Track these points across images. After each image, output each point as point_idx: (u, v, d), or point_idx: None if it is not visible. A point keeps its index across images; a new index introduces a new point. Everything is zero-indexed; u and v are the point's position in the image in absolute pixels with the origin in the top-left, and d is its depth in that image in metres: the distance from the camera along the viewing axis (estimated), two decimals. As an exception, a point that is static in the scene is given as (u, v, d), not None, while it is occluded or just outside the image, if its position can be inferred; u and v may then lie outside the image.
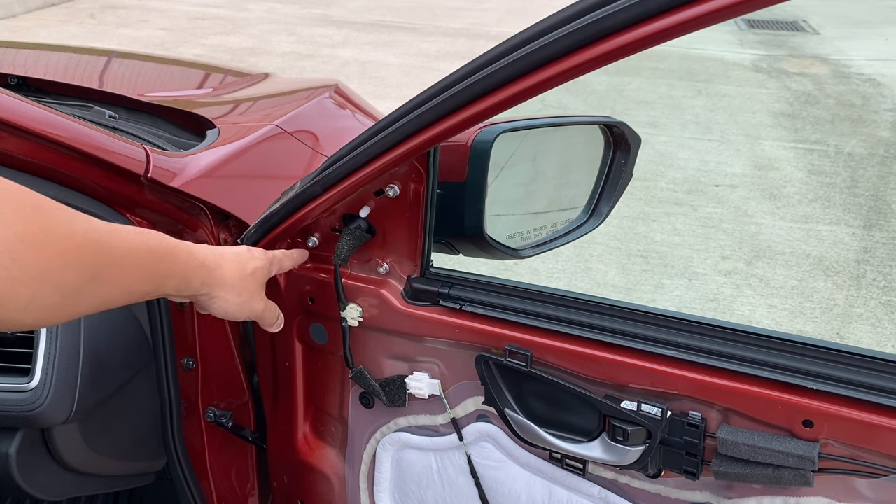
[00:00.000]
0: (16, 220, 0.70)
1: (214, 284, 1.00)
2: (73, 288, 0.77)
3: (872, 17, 9.08)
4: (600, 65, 0.82)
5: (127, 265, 0.84)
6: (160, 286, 0.91)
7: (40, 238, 0.72)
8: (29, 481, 1.20)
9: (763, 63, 7.34)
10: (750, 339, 0.96)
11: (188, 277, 0.95)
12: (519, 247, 1.32)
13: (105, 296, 0.83)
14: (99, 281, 0.80)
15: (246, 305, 1.05)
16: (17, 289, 0.70)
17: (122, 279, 0.84)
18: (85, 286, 0.78)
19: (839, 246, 3.98)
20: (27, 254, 0.70)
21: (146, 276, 0.88)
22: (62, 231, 0.75)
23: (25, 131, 0.99)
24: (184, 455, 1.35)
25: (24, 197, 0.72)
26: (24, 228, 0.70)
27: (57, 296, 0.75)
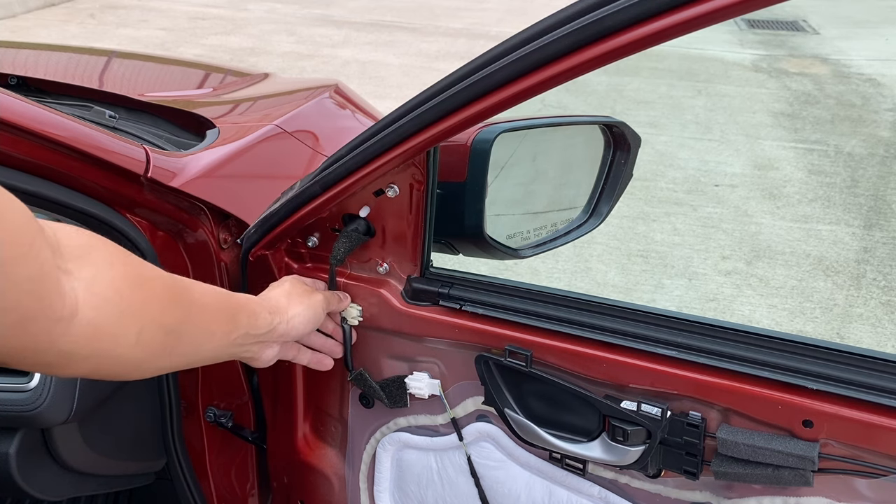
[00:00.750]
0: (116, 265, 0.79)
1: (278, 308, 1.07)
2: (172, 326, 0.86)
3: (872, 17, 9.08)
4: (600, 65, 0.82)
5: (204, 303, 0.94)
6: (235, 324, 0.98)
7: (138, 279, 0.81)
8: (29, 481, 1.20)
9: (763, 63, 7.34)
10: (750, 339, 0.96)
11: (255, 312, 1.02)
12: (519, 247, 1.32)
13: (195, 337, 0.92)
14: (189, 321, 0.89)
15: (314, 308, 1.10)
16: (126, 323, 0.79)
17: (205, 317, 0.93)
18: (180, 325, 0.87)
19: (839, 246, 3.98)
20: (130, 292, 0.79)
21: (222, 313, 0.96)
22: (151, 274, 0.85)
23: (25, 131, 0.99)
24: (184, 455, 1.35)
25: (113, 247, 0.81)
26: (123, 271, 0.79)
27: (160, 333, 0.84)
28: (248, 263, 1.22)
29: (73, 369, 0.78)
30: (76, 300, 0.73)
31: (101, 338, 0.76)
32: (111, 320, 0.76)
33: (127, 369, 0.84)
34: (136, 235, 1.17)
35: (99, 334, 0.75)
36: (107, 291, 0.76)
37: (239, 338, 1.00)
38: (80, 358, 0.76)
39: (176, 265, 1.24)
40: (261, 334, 1.03)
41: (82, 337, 0.74)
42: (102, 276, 0.76)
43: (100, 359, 0.78)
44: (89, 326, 0.74)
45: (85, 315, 0.73)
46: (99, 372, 0.82)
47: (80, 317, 0.73)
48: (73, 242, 0.75)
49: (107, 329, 0.76)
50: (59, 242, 0.73)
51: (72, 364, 0.76)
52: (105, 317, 0.76)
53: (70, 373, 0.79)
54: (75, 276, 0.73)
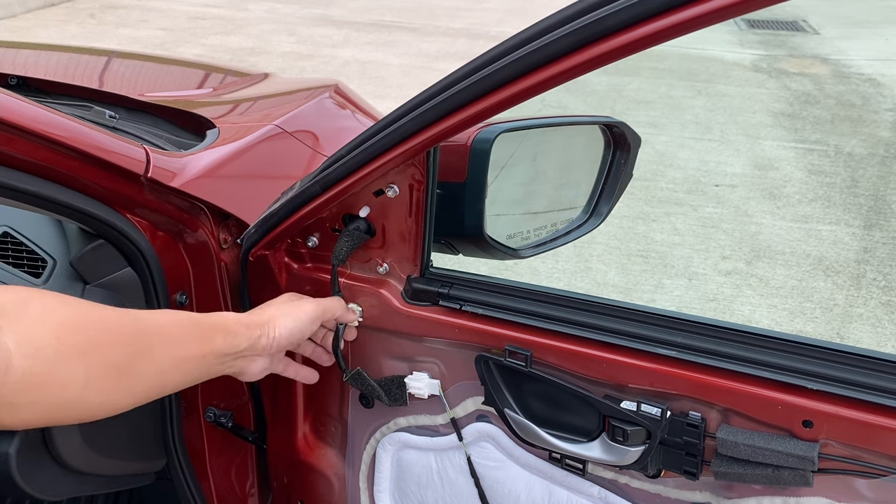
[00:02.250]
0: (53, 313, 0.80)
1: (264, 321, 1.06)
2: (124, 363, 0.86)
3: (872, 17, 9.08)
4: (600, 65, 0.82)
5: (168, 333, 0.93)
6: (211, 346, 0.97)
7: (79, 324, 0.82)
8: (29, 481, 1.20)
9: (763, 63, 7.34)
10: (750, 339, 0.96)
11: (233, 330, 1.01)
12: (519, 247, 1.32)
13: (159, 367, 0.91)
14: (147, 354, 0.89)
15: (301, 315, 1.10)
16: (69, 367, 0.80)
17: (168, 347, 0.92)
18: (135, 361, 0.88)
19: (839, 246, 3.98)
20: (69, 337, 0.80)
21: (191, 338, 0.96)
22: (96, 315, 0.86)
23: (25, 131, 0.99)
24: (184, 455, 1.35)
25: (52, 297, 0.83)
26: (60, 318, 0.81)
27: (112, 372, 0.84)
28: (248, 263, 1.22)
29: (21, 418, 0.79)
30: (9, 353, 0.75)
31: (43, 386, 0.78)
32: (50, 367, 0.78)
33: (84, 413, 0.85)
34: (136, 235, 1.17)
35: (39, 383, 0.77)
36: (42, 340, 0.78)
37: (216, 359, 0.99)
38: (22, 406, 0.77)
39: (176, 265, 1.24)
40: (240, 350, 1.03)
41: (19, 387, 0.76)
42: (37, 327, 0.78)
43: (48, 406, 0.80)
44: (26, 376, 0.76)
45: (19, 366, 0.75)
46: (53, 418, 0.83)
47: (15, 368, 0.75)
48: (5, 299, 0.78)
49: (47, 377, 0.78)
50: None
51: (17, 413, 0.78)
52: (42, 365, 0.77)
53: (20, 422, 0.80)
54: (6, 331, 0.75)
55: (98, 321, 0.85)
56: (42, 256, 1.25)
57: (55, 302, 0.83)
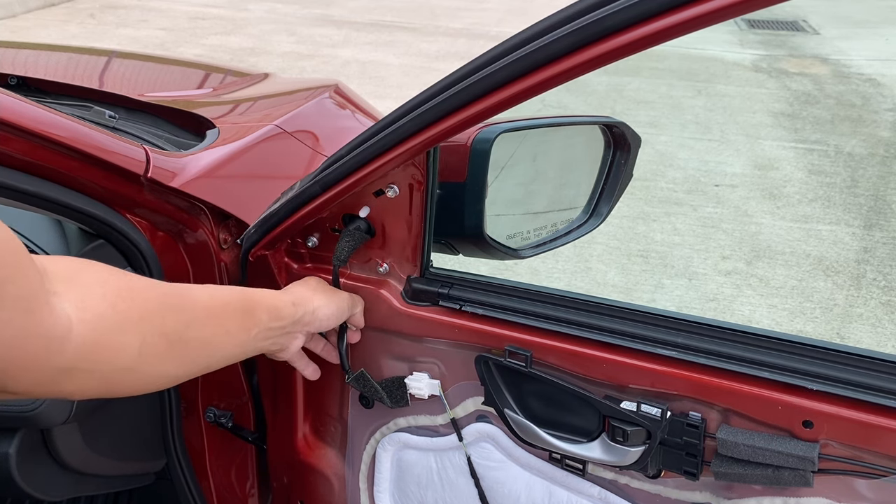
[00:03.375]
0: (106, 281, 0.81)
1: (307, 299, 1.07)
2: (174, 332, 0.86)
3: (872, 17, 9.08)
4: (600, 65, 0.82)
5: (215, 305, 0.94)
6: (256, 320, 0.99)
7: (130, 293, 0.83)
8: (29, 481, 1.20)
9: (763, 63, 7.34)
10: (750, 339, 0.96)
11: (278, 306, 1.03)
12: (519, 247, 1.32)
13: (208, 338, 0.92)
14: (195, 325, 0.90)
15: (338, 303, 1.12)
16: (125, 335, 0.80)
17: (215, 319, 0.93)
18: (185, 331, 0.88)
19: (839, 246, 3.98)
20: (124, 305, 0.81)
21: (238, 312, 0.97)
22: (145, 285, 0.87)
23: (25, 131, 0.99)
24: (184, 455, 1.35)
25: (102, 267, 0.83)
26: (114, 286, 0.81)
27: (163, 341, 0.85)
28: (248, 263, 1.22)
29: (78, 386, 0.79)
30: (69, 319, 0.75)
31: (101, 352, 0.78)
32: (107, 334, 0.78)
33: (139, 382, 0.85)
34: (136, 235, 1.17)
35: (97, 349, 0.77)
36: (99, 307, 0.78)
37: (261, 332, 1.00)
38: (82, 373, 0.77)
39: (176, 265, 1.24)
40: (285, 325, 1.04)
41: (80, 353, 0.76)
42: (93, 293, 0.78)
43: (105, 373, 0.80)
44: (85, 343, 0.76)
45: (79, 332, 0.75)
46: (110, 387, 0.83)
47: (75, 334, 0.75)
48: (60, 266, 0.78)
49: (105, 343, 0.78)
50: (45, 268, 0.75)
51: (75, 380, 0.77)
52: (101, 332, 0.77)
53: (77, 390, 0.80)
54: (64, 297, 0.75)
55: (148, 290, 0.86)
56: (42, 256, 1.24)
57: (107, 271, 0.83)
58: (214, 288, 0.99)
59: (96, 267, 0.82)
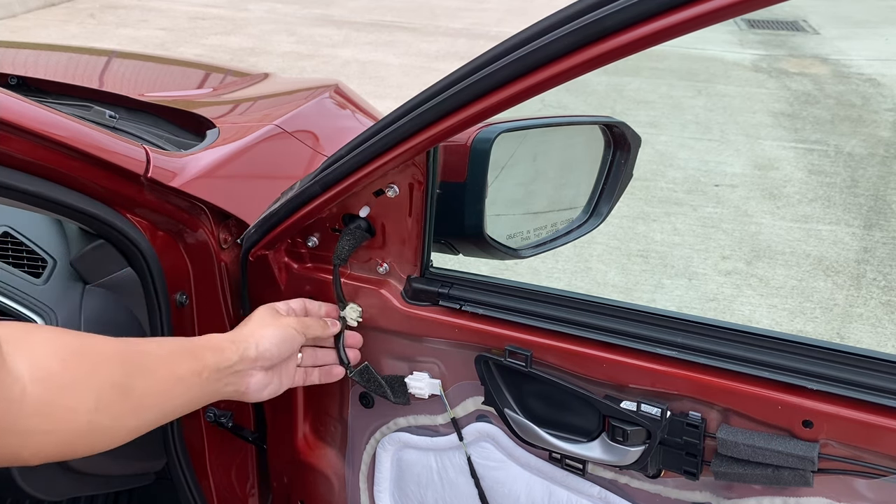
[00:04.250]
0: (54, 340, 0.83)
1: (248, 334, 1.07)
2: (127, 383, 0.88)
3: (872, 17, 9.08)
4: (600, 65, 0.82)
5: (162, 353, 0.97)
6: (203, 363, 1.00)
7: (80, 348, 0.85)
8: (29, 481, 1.20)
9: (763, 63, 7.34)
10: (750, 339, 0.96)
11: (220, 346, 1.03)
12: (519, 247, 1.32)
13: (160, 386, 0.93)
14: (146, 373, 0.91)
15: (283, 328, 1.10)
16: (79, 391, 0.82)
17: (164, 365, 0.95)
18: (136, 380, 0.89)
19: (839, 246, 3.98)
20: (74, 361, 0.83)
21: (184, 356, 0.98)
22: (94, 341, 0.89)
23: (25, 131, 0.99)
24: (184, 455, 1.35)
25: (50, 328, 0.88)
26: (63, 344, 0.84)
27: (118, 393, 0.86)
28: (248, 263, 1.22)
29: (38, 449, 0.80)
30: (22, 379, 0.76)
31: (58, 410, 0.79)
32: (62, 392, 0.79)
33: (98, 438, 0.86)
34: (136, 235, 1.17)
35: (54, 408, 0.78)
36: (50, 365, 0.79)
37: (210, 374, 1.00)
38: (39, 434, 0.78)
39: (176, 265, 1.24)
40: (231, 365, 1.03)
41: (36, 413, 0.77)
42: (43, 353, 0.80)
43: (62, 433, 0.80)
44: (40, 402, 0.77)
45: (34, 392, 0.76)
46: (68, 447, 0.83)
47: (30, 394, 0.76)
48: (7, 332, 0.79)
49: (60, 401, 0.79)
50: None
51: (34, 443, 0.78)
52: (55, 390, 0.79)
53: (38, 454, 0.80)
54: (17, 358, 0.76)
55: (98, 345, 0.88)
56: (42, 256, 1.25)
57: (55, 331, 0.87)
58: (162, 339, 1.02)
59: (44, 329, 0.86)
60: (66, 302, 1.19)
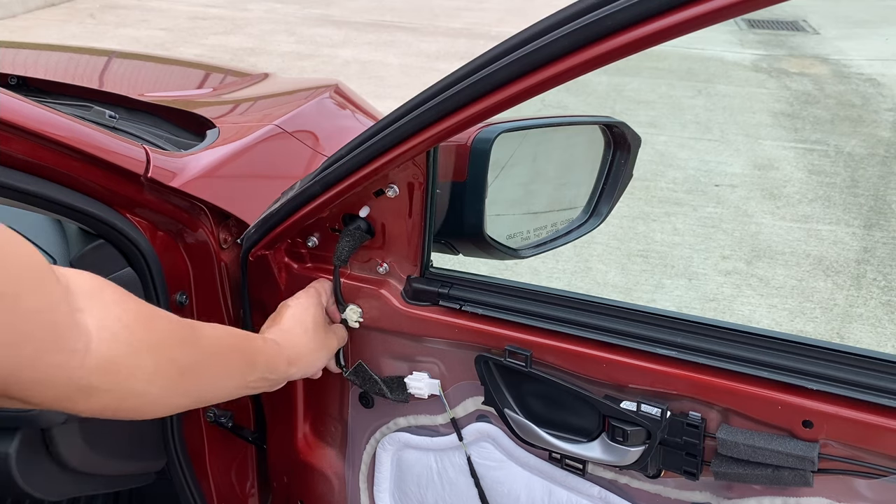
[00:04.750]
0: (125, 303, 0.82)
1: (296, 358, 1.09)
2: (187, 364, 0.88)
3: (872, 17, 9.08)
4: (600, 65, 0.82)
5: (223, 348, 0.97)
6: (254, 368, 1.02)
7: (148, 319, 0.84)
8: (29, 481, 1.20)
9: (763, 63, 7.34)
10: (750, 339, 0.96)
11: (273, 363, 1.05)
12: (519, 247, 1.32)
13: (213, 376, 0.95)
14: (204, 361, 0.92)
15: (329, 352, 1.15)
16: (140, 358, 0.81)
17: (222, 359, 0.96)
18: (195, 366, 0.90)
19: (839, 246, 3.98)
20: (140, 329, 0.82)
21: (241, 356, 1.00)
22: (161, 314, 0.88)
23: (25, 131, 0.99)
24: (184, 455, 1.35)
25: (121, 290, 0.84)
26: (133, 309, 0.83)
27: (174, 369, 0.86)
28: (248, 263, 1.22)
29: (93, 404, 0.79)
30: (89, 334, 0.75)
31: (118, 371, 0.78)
32: (124, 354, 0.79)
33: (145, 406, 0.86)
34: (136, 235, 1.17)
35: (115, 368, 0.78)
36: (117, 327, 0.79)
37: (255, 381, 1.03)
38: (100, 392, 0.78)
39: (176, 265, 1.24)
40: (278, 378, 1.07)
41: (99, 370, 0.76)
42: (112, 313, 0.79)
43: (119, 393, 0.80)
44: (104, 360, 0.77)
45: (99, 349, 0.76)
46: (119, 407, 0.83)
47: (94, 350, 0.76)
48: (83, 282, 0.79)
49: (122, 362, 0.79)
50: (69, 283, 0.76)
51: (92, 398, 0.78)
52: (118, 351, 0.78)
53: (91, 408, 0.80)
54: (87, 313, 0.76)
55: (162, 320, 0.87)
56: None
57: (126, 294, 0.84)
58: (221, 329, 1.01)
59: (116, 288, 0.84)
60: (66, 302, 1.19)
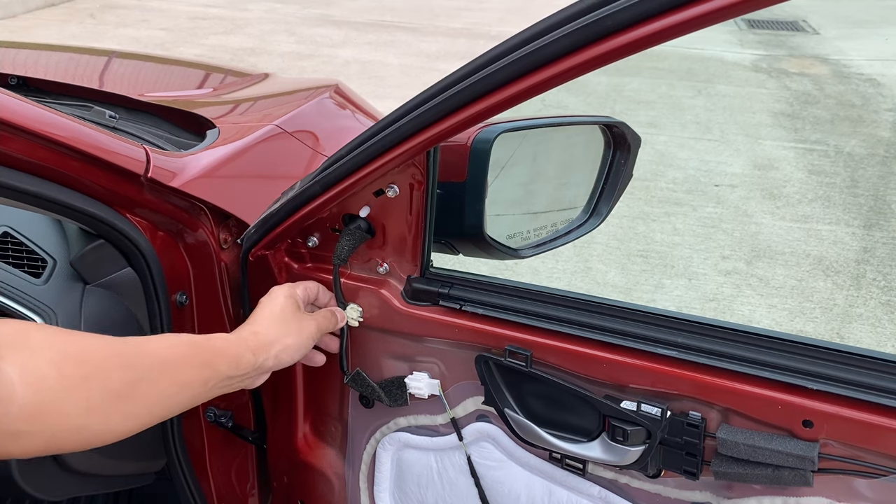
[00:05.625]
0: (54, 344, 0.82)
1: (269, 343, 1.05)
2: (124, 390, 0.87)
3: (872, 17, 9.08)
4: (600, 65, 0.82)
5: (168, 359, 0.94)
6: (214, 370, 0.98)
7: (79, 354, 0.84)
8: (29, 481, 1.20)
9: (763, 63, 7.34)
10: (750, 339, 0.96)
11: (237, 354, 1.01)
12: (519, 247, 1.32)
13: (161, 393, 0.92)
14: (148, 381, 0.90)
15: (304, 337, 1.09)
16: (71, 397, 0.81)
17: (169, 373, 0.93)
18: (135, 387, 0.88)
19: (839, 246, 3.98)
20: (71, 367, 0.82)
21: (193, 364, 0.96)
22: (95, 345, 0.87)
23: (25, 131, 0.99)
24: (184, 455, 1.35)
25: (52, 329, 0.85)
26: (62, 349, 0.83)
27: (112, 398, 0.85)
28: (248, 263, 1.22)
29: (25, 447, 0.80)
30: (12, 383, 0.76)
31: (47, 414, 0.79)
32: (53, 397, 0.79)
33: (88, 439, 0.86)
34: (136, 235, 1.17)
35: (43, 412, 0.79)
36: (45, 370, 0.79)
37: (220, 382, 0.99)
38: (29, 435, 0.78)
39: (176, 265, 1.24)
40: (245, 374, 1.02)
41: (25, 416, 0.77)
42: (41, 357, 0.80)
43: (51, 434, 0.81)
44: (30, 405, 0.77)
45: (24, 395, 0.77)
46: (58, 445, 0.84)
47: (19, 397, 0.76)
48: (6, 331, 0.80)
49: (50, 406, 0.79)
50: None
51: (20, 442, 0.79)
52: (45, 395, 0.79)
53: (24, 451, 0.80)
54: (8, 361, 0.77)
55: (97, 350, 0.87)
56: (42, 256, 1.25)
57: (54, 333, 0.85)
58: (173, 340, 0.99)
59: (45, 329, 0.84)
60: (66, 302, 1.19)
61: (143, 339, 0.95)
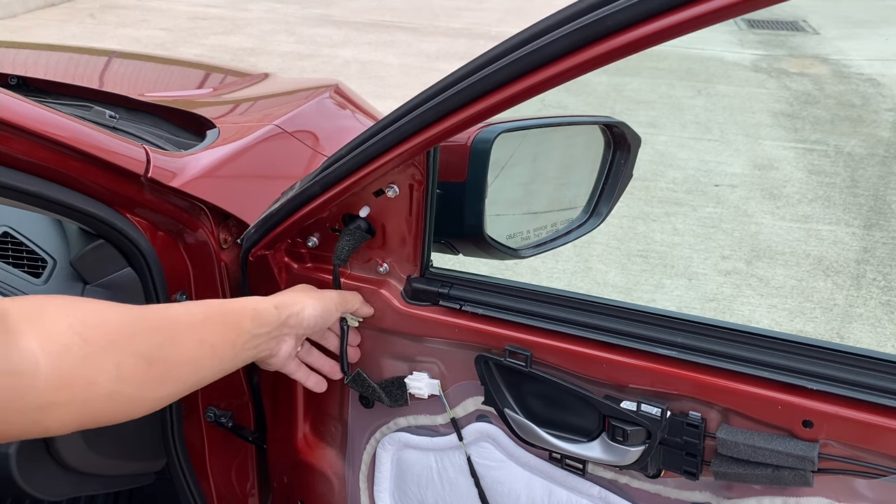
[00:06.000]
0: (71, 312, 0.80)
1: (292, 302, 1.06)
2: (152, 352, 0.86)
3: (872, 17, 9.08)
4: (600, 65, 0.82)
5: (194, 321, 0.93)
6: (239, 329, 0.98)
7: (99, 320, 0.82)
8: (29, 481, 1.20)
9: (763, 63, 7.34)
10: (750, 339, 0.96)
11: (261, 309, 1.01)
12: (519, 247, 1.32)
13: (190, 354, 0.91)
14: (174, 342, 0.88)
15: (326, 301, 1.10)
16: (97, 362, 0.79)
17: (195, 333, 0.92)
18: (163, 349, 0.87)
19: (839, 246, 3.99)
20: (91, 331, 0.80)
21: (219, 323, 0.95)
22: (115, 310, 0.85)
23: (25, 131, 0.99)
24: (184, 455, 1.35)
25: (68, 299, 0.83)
26: (81, 317, 0.80)
27: (140, 363, 0.84)
28: (249, 263, 1.22)
29: (58, 421, 0.78)
30: (34, 354, 0.74)
31: (74, 382, 0.77)
32: (79, 363, 0.78)
33: (123, 408, 0.84)
34: (136, 235, 1.17)
35: (70, 380, 0.77)
36: (64, 338, 0.77)
37: (247, 342, 0.99)
38: (60, 406, 0.77)
39: (176, 265, 1.24)
40: (270, 330, 1.03)
41: (53, 387, 0.75)
42: (58, 327, 0.78)
43: (82, 404, 0.79)
44: (56, 375, 0.75)
45: (48, 366, 0.75)
46: (92, 417, 0.82)
47: (44, 368, 0.75)
48: (21, 306, 0.78)
49: (76, 372, 0.77)
50: (6, 310, 0.75)
51: (54, 415, 0.77)
52: (70, 362, 0.77)
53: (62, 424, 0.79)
54: (28, 334, 0.75)
55: (118, 314, 0.85)
56: (42, 256, 1.25)
57: (72, 301, 0.83)
58: (192, 305, 0.98)
59: (60, 300, 0.82)
60: (66, 302, 1.19)
61: (164, 306, 0.94)
